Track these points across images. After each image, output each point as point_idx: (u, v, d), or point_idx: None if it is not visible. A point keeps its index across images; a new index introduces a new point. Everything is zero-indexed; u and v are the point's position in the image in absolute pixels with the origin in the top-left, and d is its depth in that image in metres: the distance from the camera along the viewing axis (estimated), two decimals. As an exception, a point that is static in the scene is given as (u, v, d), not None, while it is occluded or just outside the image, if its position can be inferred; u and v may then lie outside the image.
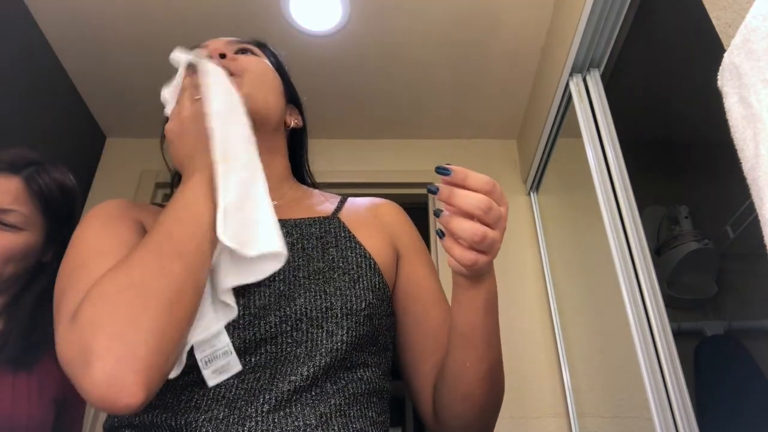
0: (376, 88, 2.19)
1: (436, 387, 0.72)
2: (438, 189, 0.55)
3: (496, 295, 0.64)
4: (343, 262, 0.71)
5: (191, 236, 0.58)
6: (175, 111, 0.73)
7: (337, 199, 0.86)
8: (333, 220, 0.77)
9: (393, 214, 0.84)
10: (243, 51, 0.86)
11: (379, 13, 1.88)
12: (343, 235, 0.75)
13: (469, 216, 0.54)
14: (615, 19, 1.55)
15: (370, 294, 0.69)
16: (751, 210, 1.89)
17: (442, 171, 0.54)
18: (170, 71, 0.83)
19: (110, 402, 0.48)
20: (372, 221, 0.81)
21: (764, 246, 0.43)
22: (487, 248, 0.56)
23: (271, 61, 0.88)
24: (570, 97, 1.73)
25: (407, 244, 0.81)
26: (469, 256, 0.55)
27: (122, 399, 0.48)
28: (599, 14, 1.53)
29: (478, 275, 0.60)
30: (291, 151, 0.93)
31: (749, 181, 0.46)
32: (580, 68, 1.70)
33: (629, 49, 1.68)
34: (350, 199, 0.86)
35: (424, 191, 2.34)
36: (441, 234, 0.57)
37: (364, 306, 0.67)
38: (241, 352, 0.61)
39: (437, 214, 0.57)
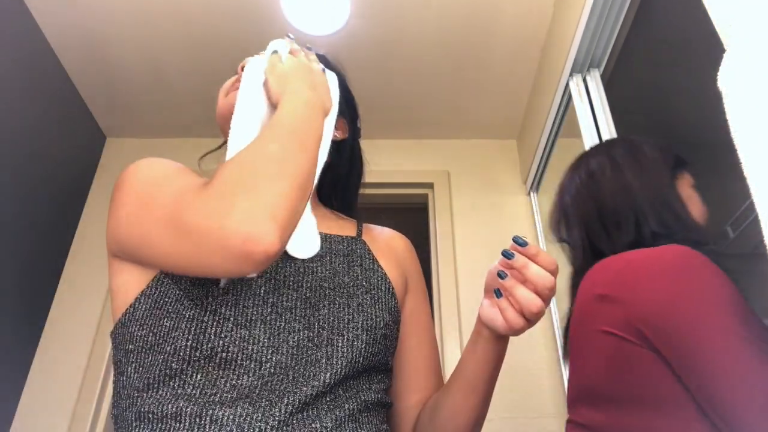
0: (376, 89, 2.19)
1: (422, 423, 0.77)
2: (513, 255, 0.62)
3: (505, 351, 0.71)
4: (366, 282, 0.75)
5: (313, 141, 0.64)
6: (294, 57, 0.80)
7: (354, 222, 0.89)
8: (359, 241, 0.82)
9: (406, 249, 0.89)
10: None
11: (378, 13, 1.89)
12: (367, 256, 0.79)
13: (532, 288, 0.62)
14: (615, 19, 1.55)
15: (387, 314, 0.73)
16: (751, 210, 1.89)
17: (519, 242, 0.62)
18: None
19: (250, 245, 0.51)
20: (387, 250, 0.85)
21: (764, 246, 0.43)
22: (536, 319, 0.63)
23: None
24: (570, 97, 1.73)
25: (415, 282, 0.86)
26: (520, 322, 0.63)
27: (261, 241, 0.52)
28: (599, 14, 1.53)
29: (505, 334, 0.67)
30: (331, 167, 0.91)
31: (749, 180, 0.46)
32: (580, 68, 1.70)
33: (629, 49, 1.68)
34: (365, 225, 0.90)
35: (424, 191, 2.34)
36: (499, 294, 0.64)
37: (382, 325, 0.71)
38: (265, 347, 0.63)
39: (502, 276, 0.63)
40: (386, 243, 0.87)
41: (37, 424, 1.81)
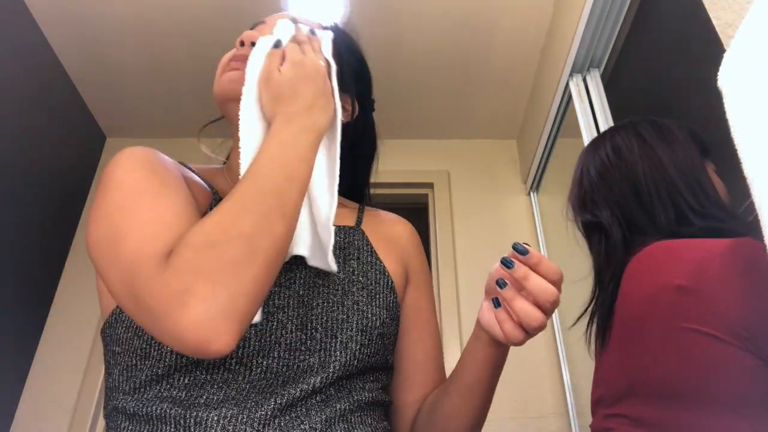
0: (376, 89, 2.18)
1: (421, 421, 0.75)
2: (514, 264, 0.57)
3: (507, 355, 0.67)
4: (362, 277, 0.72)
5: (297, 200, 0.58)
6: (294, 57, 0.69)
7: (355, 207, 0.85)
8: (357, 231, 0.78)
9: (409, 237, 0.85)
10: None
11: (379, 13, 1.89)
12: (365, 248, 0.76)
13: (533, 300, 0.57)
14: (615, 19, 1.55)
15: (385, 312, 0.70)
16: (751, 210, 1.89)
17: (520, 250, 0.57)
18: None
19: (203, 345, 0.48)
20: (388, 238, 0.81)
21: (764, 246, 0.43)
22: (536, 332, 0.59)
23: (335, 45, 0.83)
24: (570, 97, 1.73)
25: (417, 271, 0.82)
26: (519, 335, 0.58)
27: (215, 344, 0.48)
28: (599, 14, 1.53)
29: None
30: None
31: (749, 181, 0.46)
32: (580, 68, 1.70)
33: (629, 49, 1.68)
34: (368, 209, 0.86)
35: (424, 191, 2.34)
36: (497, 303, 0.60)
37: (378, 324, 0.68)
38: (256, 350, 0.61)
39: (501, 285, 0.59)
40: (388, 230, 0.83)
41: (37, 424, 1.81)
